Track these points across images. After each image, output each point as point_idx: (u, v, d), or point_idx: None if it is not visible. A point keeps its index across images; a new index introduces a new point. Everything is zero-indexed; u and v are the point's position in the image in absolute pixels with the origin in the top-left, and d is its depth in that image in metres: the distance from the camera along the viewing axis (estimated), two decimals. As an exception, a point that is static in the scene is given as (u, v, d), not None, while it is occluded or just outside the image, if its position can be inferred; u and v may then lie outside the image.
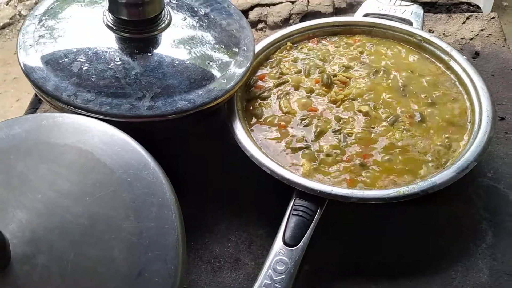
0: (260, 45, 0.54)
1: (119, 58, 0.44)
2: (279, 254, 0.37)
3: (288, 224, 0.39)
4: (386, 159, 0.44)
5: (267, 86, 0.52)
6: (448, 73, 0.52)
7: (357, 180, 0.43)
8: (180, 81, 0.44)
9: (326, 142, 0.46)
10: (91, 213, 0.34)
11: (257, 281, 0.36)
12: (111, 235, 0.34)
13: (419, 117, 0.47)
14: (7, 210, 0.34)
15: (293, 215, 0.39)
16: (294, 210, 0.40)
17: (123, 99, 0.41)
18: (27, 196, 0.35)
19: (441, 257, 0.42)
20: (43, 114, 0.41)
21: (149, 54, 0.45)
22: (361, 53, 0.55)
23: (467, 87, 0.49)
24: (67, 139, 0.38)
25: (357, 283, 0.40)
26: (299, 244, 0.38)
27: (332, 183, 0.42)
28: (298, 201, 0.40)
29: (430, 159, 0.44)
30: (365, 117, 0.48)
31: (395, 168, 0.43)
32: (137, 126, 0.42)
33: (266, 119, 0.49)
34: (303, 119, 0.48)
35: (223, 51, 0.49)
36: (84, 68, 0.43)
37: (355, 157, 0.45)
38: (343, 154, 0.45)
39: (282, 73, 0.53)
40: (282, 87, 0.52)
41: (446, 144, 0.45)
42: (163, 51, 0.46)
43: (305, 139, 0.47)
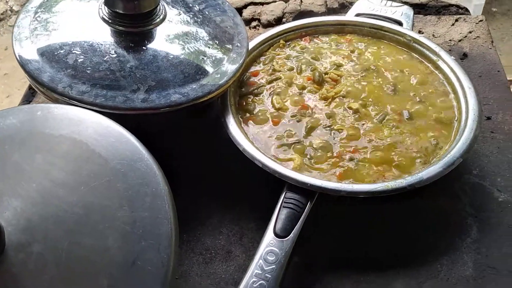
0: (253, 42, 0.55)
1: (114, 51, 0.44)
2: (270, 245, 0.38)
3: (279, 216, 0.40)
4: (375, 154, 0.45)
5: (259, 82, 0.53)
6: (436, 72, 0.53)
7: (347, 174, 0.44)
8: (174, 75, 0.44)
9: (316, 137, 0.47)
10: (85, 202, 0.35)
11: (248, 270, 0.37)
12: (105, 224, 0.34)
13: (408, 115, 0.48)
14: (2, 198, 0.35)
15: (284, 207, 0.40)
16: (285, 202, 0.41)
17: (117, 91, 0.42)
18: (22, 185, 0.35)
19: (427, 250, 0.43)
20: (38, 105, 0.41)
21: (144, 48, 0.46)
22: (352, 52, 0.56)
23: (454, 86, 0.50)
24: (62, 129, 0.39)
25: (346, 275, 0.41)
26: (290, 235, 0.38)
27: (322, 177, 0.43)
28: (289, 194, 0.41)
29: (418, 155, 0.45)
30: (355, 114, 0.49)
31: (383, 163, 0.45)
32: (132, 118, 0.42)
33: (258, 115, 0.50)
34: (295, 115, 0.49)
35: (217, 47, 0.49)
36: (79, 60, 0.43)
37: (344, 152, 0.46)
38: (333, 149, 0.46)
39: (274, 70, 0.54)
40: (274, 83, 0.53)
41: (433, 141, 0.46)
42: (157, 45, 0.46)
43: (296, 134, 0.48)
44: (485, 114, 0.54)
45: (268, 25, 0.67)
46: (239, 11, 0.68)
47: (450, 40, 0.64)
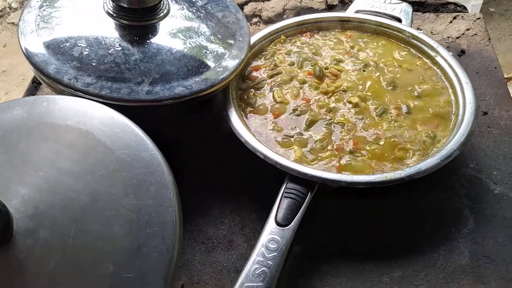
0: (255, 37, 0.56)
1: (119, 44, 0.45)
2: (272, 233, 0.39)
3: (280, 205, 0.41)
4: (374, 147, 0.46)
5: (261, 77, 0.54)
6: (434, 68, 0.54)
7: (346, 166, 0.45)
8: (178, 68, 0.45)
9: (317, 131, 0.48)
10: (91, 190, 0.36)
11: (250, 258, 0.38)
12: (111, 212, 0.35)
13: (406, 109, 0.49)
14: (10, 186, 0.35)
15: (285, 197, 0.41)
16: (286, 193, 0.41)
17: (122, 84, 0.43)
18: (29, 173, 0.36)
19: (425, 241, 0.44)
20: (44, 96, 0.42)
21: (148, 41, 0.46)
22: (352, 47, 0.57)
23: (452, 81, 0.51)
24: (68, 120, 0.39)
25: (345, 264, 0.42)
26: (291, 224, 0.39)
27: (322, 169, 0.44)
28: (290, 185, 0.42)
29: (416, 148, 0.46)
30: (355, 108, 0.50)
31: (382, 156, 0.45)
32: (136, 110, 0.43)
33: (259, 108, 0.50)
34: (296, 109, 0.50)
35: (219, 41, 0.50)
36: (84, 52, 0.44)
37: (344, 145, 0.46)
38: (333, 142, 0.47)
39: (275, 65, 0.55)
40: (275, 78, 0.53)
41: (431, 134, 0.47)
42: (161, 39, 0.47)
43: (297, 127, 0.48)
44: (482, 109, 0.55)
45: (268, 22, 0.68)
46: (241, 7, 0.69)
47: (448, 37, 0.65)
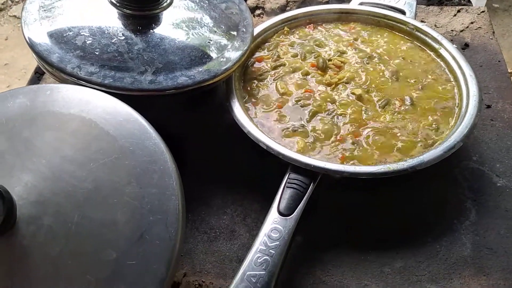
0: (258, 29, 0.56)
1: (122, 33, 0.45)
2: (274, 222, 0.39)
3: (282, 195, 0.41)
4: (377, 138, 0.46)
5: (264, 68, 0.54)
6: (438, 60, 0.54)
7: (349, 157, 0.44)
8: (181, 58, 0.45)
9: (320, 122, 0.48)
10: (94, 178, 0.36)
11: (253, 247, 0.38)
12: (114, 199, 0.35)
13: (409, 101, 0.49)
14: (13, 173, 0.36)
15: (287, 187, 0.41)
16: (288, 183, 0.41)
17: (125, 73, 0.43)
18: (33, 161, 0.36)
19: (427, 232, 0.44)
20: (48, 85, 0.42)
21: (151, 31, 0.46)
22: (356, 39, 0.57)
23: (456, 73, 0.51)
24: (71, 108, 0.39)
25: (347, 254, 0.42)
26: (293, 214, 0.39)
27: (325, 159, 0.44)
28: (292, 175, 0.42)
29: (419, 140, 0.46)
30: (358, 99, 0.50)
31: (385, 147, 0.45)
32: (139, 99, 0.43)
33: (262, 99, 0.50)
34: (299, 100, 0.50)
35: (222, 32, 0.50)
36: (88, 42, 0.44)
37: (347, 136, 0.46)
38: (336, 133, 0.47)
39: (279, 56, 0.55)
40: (278, 69, 0.53)
41: (434, 126, 0.47)
42: (164, 28, 0.47)
43: (300, 119, 0.48)
44: (485, 102, 0.55)
45: (272, 13, 0.67)
46: (244, -1, 0.69)
47: (452, 30, 0.65)
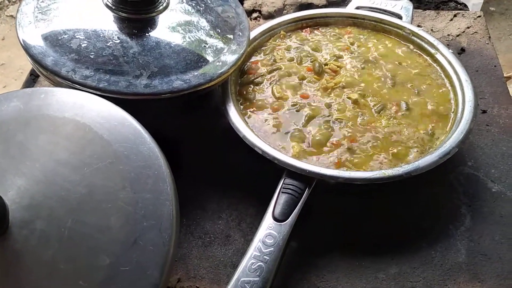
0: (254, 32, 0.56)
1: (118, 37, 0.45)
2: (269, 228, 0.39)
3: (277, 201, 0.41)
4: (372, 144, 0.46)
5: (260, 72, 0.54)
6: (434, 65, 0.54)
7: (345, 163, 0.44)
8: (176, 61, 0.45)
9: (315, 126, 0.48)
10: (88, 182, 0.36)
11: (247, 253, 0.38)
12: (108, 204, 0.35)
13: (405, 106, 0.49)
14: (6, 177, 0.35)
15: (282, 192, 0.41)
16: (283, 188, 0.41)
17: (120, 77, 0.42)
18: (26, 164, 0.36)
19: (422, 238, 0.44)
20: (42, 88, 0.42)
21: (147, 34, 0.46)
22: (352, 44, 0.57)
23: (452, 79, 0.51)
24: (65, 112, 0.39)
25: (341, 259, 0.42)
26: (288, 219, 0.39)
27: (320, 165, 0.44)
28: (287, 180, 0.42)
29: (414, 145, 0.46)
30: (354, 104, 0.50)
31: (381, 152, 0.45)
32: (134, 103, 0.43)
33: (258, 103, 0.50)
34: (295, 104, 0.50)
35: (219, 36, 0.50)
36: (83, 45, 0.44)
37: (343, 141, 0.46)
38: (332, 138, 0.47)
39: (275, 61, 0.55)
40: (274, 73, 0.53)
41: (429, 132, 0.47)
42: (160, 32, 0.47)
43: (296, 123, 0.48)
44: (481, 107, 0.55)
45: (268, 17, 0.67)
46: (240, 2, 0.68)
47: (448, 34, 0.65)
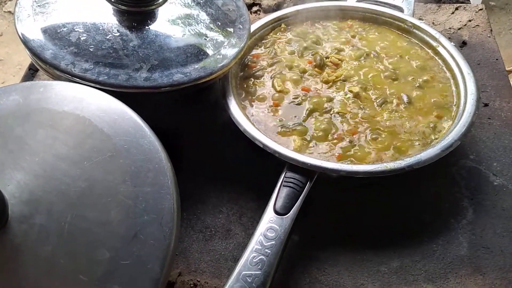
0: (255, 26, 0.55)
1: (117, 30, 0.44)
2: (270, 222, 0.39)
3: (279, 194, 0.40)
4: (374, 137, 0.46)
5: (261, 65, 0.53)
6: (436, 58, 0.53)
7: (346, 156, 0.44)
8: (176, 54, 0.45)
9: (317, 120, 0.48)
10: (88, 176, 0.35)
11: (248, 246, 0.37)
12: (108, 198, 0.35)
13: (407, 99, 0.49)
14: (5, 171, 0.35)
15: (284, 186, 0.41)
16: (285, 182, 0.41)
17: (120, 70, 0.42)
18: (25, 159, 0.36)
19: (424, 231, 0.43)
20: (41, 81, 0.41)
21: (146, 27, 0.46)
22: (353, 37, 0.56)
23: (453, 72, 0.51)
24: (64, 106, 0.39)
25: (343, 253, 0.42)
26: (289, 213, 0.39)
27: (322, 158, 0.44)
28: (289, 174, 0.42)
29: (416, 138, 0.46)
30: (356, 97, 0.49)
31: (382, 145, 0.45)
32: (134, 97, 0.43)
33: (259, 97, 0.50)
34: (296, 97, 0.50)
35: (219, 29, 0.49)
36: (82, 38, 0.43)
37: (344, 134, 0.46)
38: (333, 132, 0.46)
39: (276, 54, 0.54)
40: (275, 66, 0.53)
41: (431, 125, 0.47)
42: (160, 25, 0.47)
43: (297, 117, 0.48)
44: (483, 101, 0.54)
45: (269, 10, 0.67)
46: (241, -5, 0.68)
47: (450, 28, 0.64)
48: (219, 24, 0.50)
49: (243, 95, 0.50)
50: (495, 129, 0.52)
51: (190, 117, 0.51)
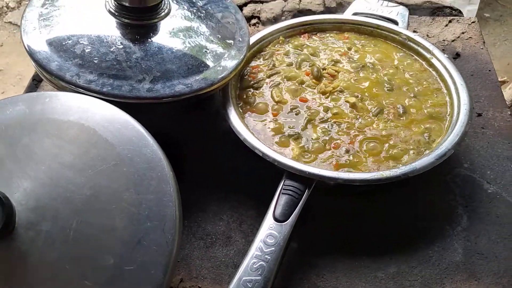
0: (254, 38, 0.57)
1: (121, 42, 0.46)
2: (270, 228, 0.40)
3: (278, 202, 0.41)
4: (370, 146, 0.47)
5: (260, 76, 0.55)
6: (430, 70, 0.55)
7: (343, 164, 0.45)
8: (178, 66, 0.46)
9: (314, 130, 0.49)
10: (93, 184, 0.36)
11: (249, 252, 0.38)
12: (112, 205, 0.36)
13: (402, 109, 0.50)
14: (12, 179, 0.36)
15: (283, 194, 0.42)
16: (284, 189, 0.42)
17: (124, 81, 0.43)
18: (32, 167, 0.37)
19: (419, 238, 0.44)
20: (47, 92, 0.43)
21: (149, 40, 0.47)
22: (349, 49, 0.58)
23: (447, 82, 0.52)
24: (70, 115, 0.40)
25: (340, 259, 0.43)
26: (288, 220, 0.40)
27: (320, 166, 0.45)
28: (288, 182, 0.43)
29: (411, 147, 0.47)
30: (352, 108, 0.51)
31: (378, 155, 0.46)
32: (137, 107, 0.44)
33: (258, 107, 0.51)
34: (294, 108, 0.51)
35: (219, 41, 0.51)
36: (86, 50, 0.44)
37: (341, 144, 0.47)
38: (330, 141, 0.48)
39: (274, 65, 0.56)
40: (274, 78, 0.54)
41: (426, 134, 0.48)
42: (162, 38, 0.48)
43: (295, 126, 0.49)
44: (476, 111, 0.56)
45: (267, 23, 0.69)
46: (240, 8, 0.70)
47: (443, 40, 0.66)
48: (219, 36, 0.51)
49: (242, 105, 0.51)
50: (489, 138, 0.53)
51: (191, 127, 0.52)
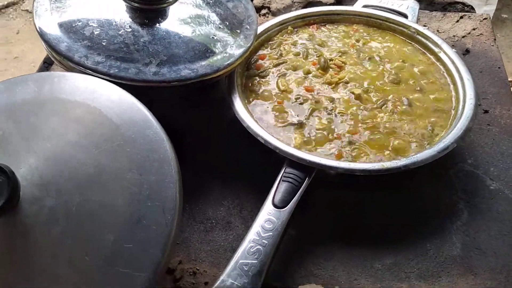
0: (262, 27, 0.57)
1: (129, 26, 0.46)
2: (268, 214, 0.40)
3: (278, 188, 0.42)
4: (373, 138, 0.47)
5: (266, 65, 0.55)
6: (437, 64, 0.55)
7: (345, 154, 0.46)
8: (185, 51, 0.46)
9: (318, 119, 0.49)
10: (97, 163, 0.37)
11: (247, 236, 0.39)
12: (114, 184, 0.36)
13: (407, 102, 0.50)
14: (19, 155, 0.37)
15: (283, 181, 0.42)
16: (284, 177, 0.43)
17: (131, 64, 0.44)
18: (38, 144, 0.38)
19: (418, 231, 0.45)
20: (56, 72, 0.43)
21: (157, 24, 0.48)
22: (358, 41, 0.58)
23: (454, 77, 0.52)
24: (77, 96, 0.41)
25: (339, 249, 0.43)
26: (287, 206, 0.40)
27: (321, 155, 0.45)
28: (288, 169, 0.43)
29: (414, 140, 0.47)
30: (357, 99, 0.51)
31: (381, 146, 0.46)
32: (142, 90, 0.44)
33: (263, 95, 0.51)
34: (299, 97, 0.51)
35: (227, 29, 0.51)
36: (95, 32, 0.45)
37: (344, 134, 0.47)
38: (333, 131, 0.48)
39: (281, 55, 0.56)
40: (280, 67, 0.54)
41: (429, 128, 0.48)
42: (170, 22, 0.49)
43: (299, 115, 0.49)
44: (483, 107, 0.55)
45: (277, 13, 0.69)
46: (250, -2, 0.70)
47: (454, 36, 0.65)
48: (227, 24, 0.51)
49: (248, 93, 0.52)
50: (494, 135, 0.53)
51: (196, 113, 0.53)
